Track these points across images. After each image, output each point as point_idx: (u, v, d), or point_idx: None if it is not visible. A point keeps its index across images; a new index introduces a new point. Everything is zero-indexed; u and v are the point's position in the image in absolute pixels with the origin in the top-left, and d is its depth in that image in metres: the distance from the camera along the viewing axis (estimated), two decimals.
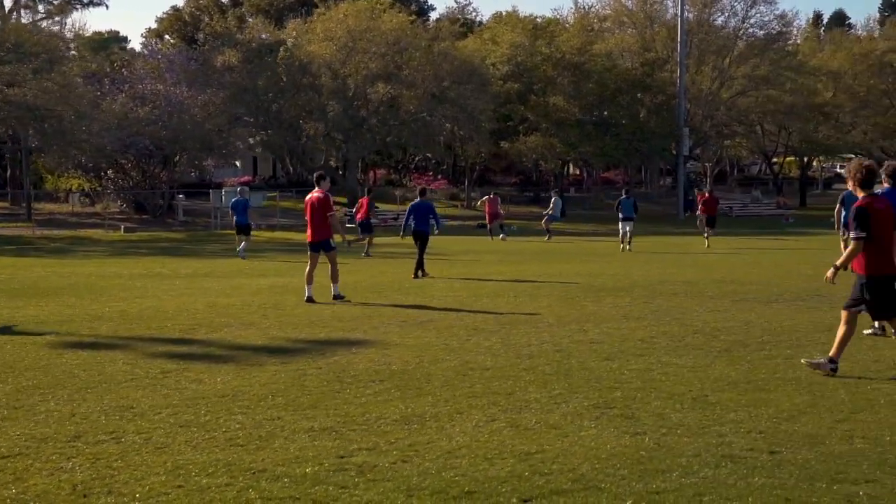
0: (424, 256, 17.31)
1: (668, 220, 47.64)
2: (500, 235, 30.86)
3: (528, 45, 46.99)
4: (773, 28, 54.42)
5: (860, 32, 70.19)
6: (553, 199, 31.59)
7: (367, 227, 24.50)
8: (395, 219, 39.92)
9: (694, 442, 5.56)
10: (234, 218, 24.58)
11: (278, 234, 37.60)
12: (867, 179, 7.56)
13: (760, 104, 53.12)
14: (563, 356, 8.55)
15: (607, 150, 46.62)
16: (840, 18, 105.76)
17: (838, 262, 7.66)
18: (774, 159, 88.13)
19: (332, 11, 45.04)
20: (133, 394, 6.96)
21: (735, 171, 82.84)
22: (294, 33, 45.30)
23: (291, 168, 58.05)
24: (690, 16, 51.96)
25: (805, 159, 69.52)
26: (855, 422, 6.05)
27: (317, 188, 13.78)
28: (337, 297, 13.18)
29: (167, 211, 46.62)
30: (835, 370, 7.53)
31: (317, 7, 47.87)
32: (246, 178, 66.30)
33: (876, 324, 9.84)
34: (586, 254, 24.90)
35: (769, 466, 5.08)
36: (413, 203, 17.94)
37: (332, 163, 52.38)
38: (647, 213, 53.94)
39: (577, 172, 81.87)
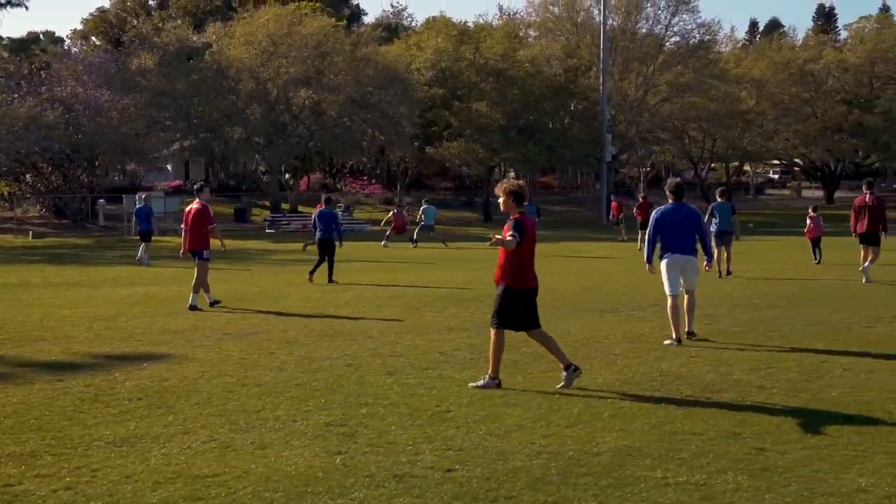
0: (333, 264, 17.63)
1: (590, 225, 48.14)
2: (412, 242, 30.86)
3: (452, 51, 47.16)
4: (695, 36, 55.39)
5: (796, 41, 71.56)
6: (423, 208, 31.66)
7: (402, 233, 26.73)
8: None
9: (382, 461, 5.63)
10: (138, 225, 25.05)
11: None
12: (520, 196, 7.84)
13: (684, 111, 54.02)
14: (349, 370, 8.59)
15: (530, 156, 46.97)
16: (775, 27, 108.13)
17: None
18: (713, 165, 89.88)
19: (254, 16, 44.77)
20: None
21: (670, 176, 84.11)
22: (214, 37, 44.86)
23: (223, 172, 57.60)
24: (615, 23, 52.68)
25: (735, 165, 70.98)
26: (561, 436, 6.16)
27: (196, 199, 14.24)
28: (193, 307, 13.29)
29: (89, 216, 45.98)
30: (498, 384, 7.75)
31: (236, 11, 47.52)
32: (176, 183, 65.65)
33: (672, 336, 10.18)
34: (480, 260, 25.00)
35: (431, 485, 5.17)
36: (318, 211, 18.23)
37: (261, 168, 52.05)
38: (572, 218, 54.76)
39: (514, 177, 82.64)
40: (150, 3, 60.76)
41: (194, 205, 14.17)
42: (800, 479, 5.26)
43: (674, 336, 9.98)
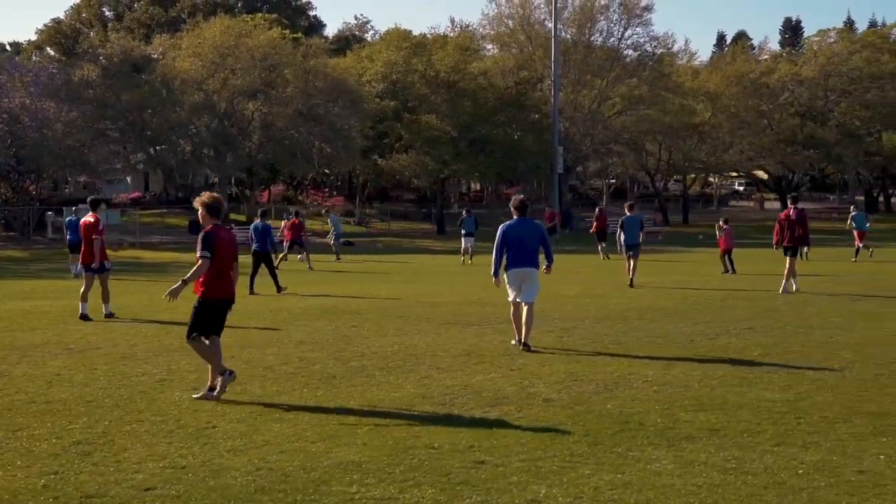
0: (276, 274, 18.48)
1: None
2: (299, 256, 30.93)
3: (403, 63, 47.30)
4: (647, 50, 55.80)
5: (754, 54, 72.09)
6: (330, 219, 32.53)
7: (301, 245, 26.44)
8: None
9: (88, 481, 5.57)
10: (69, 237, 24.85)
11: (127, 253, 36.97)
12: (214, 208, 8.09)
13: (637, 124, 54.36)
14: (157, 387, 8.48)
15: (481, 167, 47.16)
16: (742, 39, 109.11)
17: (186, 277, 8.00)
18: (677, 177, 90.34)
19: (203, 28, 44.72)
20: None
21: (637, 188, 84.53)
22: (160, 49, 44.79)
23: (179, 183, 57.37)
24: (568, 35, 53.01)
25: (692, 177, 71.27)
26: (299, 451, 6.13)
27: (90, 212, 14.42)
28: (83, 316, 13.60)
29: (36, 228, 45.67)
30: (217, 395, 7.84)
31: (185, 23, 47.47)
32: (135, 195, 65.52)
33: (515, 338, 10.36)
34: (410, 273, 25.04)
35: None
36: (253, 225, 19.39)
37: (215, 179, 51.92)
38: None
39: (479, 188, 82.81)
40: (107, 14, 60.58)
41: (88, 217, 14.32)
42: (489, 490, 5.27)
43: (517, 338, 10.50)
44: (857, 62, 61.42)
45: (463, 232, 28.68)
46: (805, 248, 17.47)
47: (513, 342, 10.65)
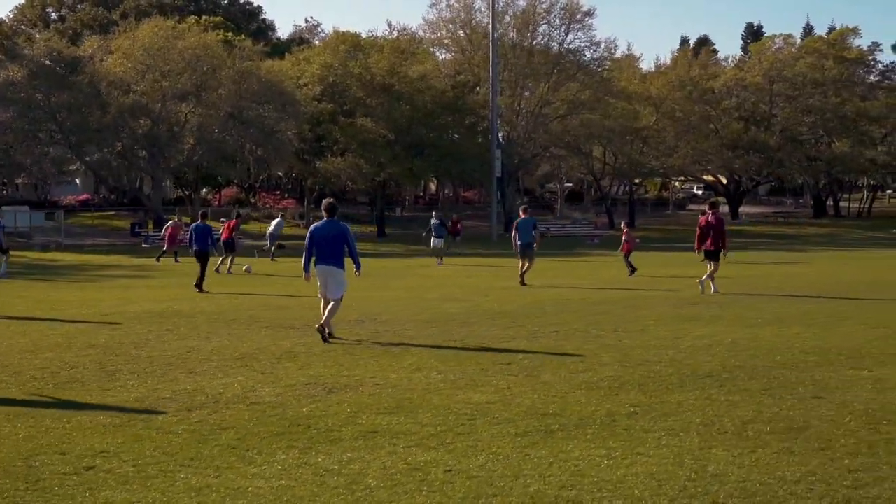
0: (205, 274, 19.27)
1: (482, 241, 48.30)
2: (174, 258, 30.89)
3: (339, 66, 47.22)
4: (585, 55, 56.02)
5: (729, 61, 72.26)
6: (276, 221, 33.04)
7: (230, 246, 26.52)
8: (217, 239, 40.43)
9: None
10: None
11: (50, 256, 36.74)
12: None
13: (579, 127, 54.55)
14: None
15: (416, 171, 47.12)
16: (705, 44, 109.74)
17: None
18: (640, 181, 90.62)
19: (135, 29, 44.42)
20: None
21: (594, 192, 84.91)
22: (90, 51, 44.46)
23: (112, 186, 56.93)
24: (509, 39, 53.10)
25: (657, 181, 71.90)
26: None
27: None
28: None
29: None
30: None
31: (117, 25, 47.17)
32: (84, 197, 65.11)
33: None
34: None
35: None
36: (194, 226, 20.58)
37: (166, 182, 51.70)
38: (469, 234, 54.82)
39: (433, 191, 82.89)
40: (53, 15, 60.11)
41: None
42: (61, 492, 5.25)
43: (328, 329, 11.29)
44: (802, 68, 62.00)
45: (433, 234, 30.06)
46: (723, 252, 17.95)
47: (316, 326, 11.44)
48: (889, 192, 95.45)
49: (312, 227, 11.84)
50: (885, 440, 6.29)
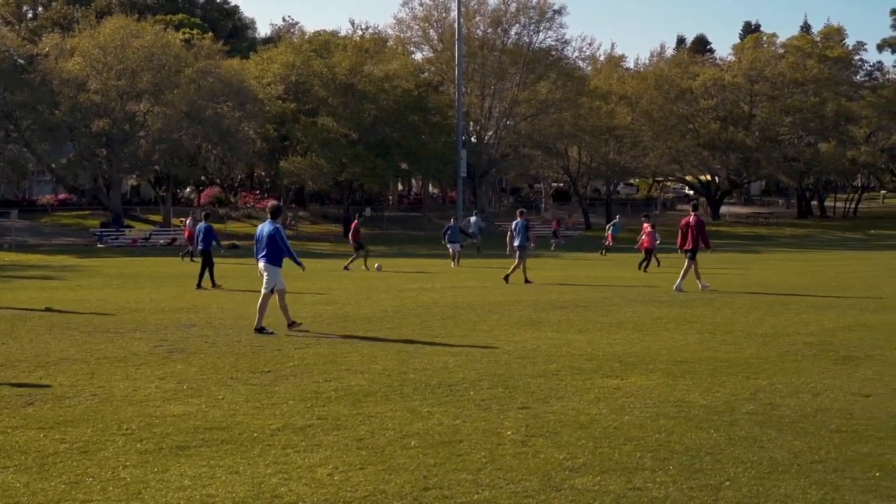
0: (204, 273, 20.14)
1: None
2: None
3: (301, 66, 46.86)
4: (552, 54, 55.37)
5: (725, 58, 71.51)
6: (201, 226, 32.12)
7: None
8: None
9: None
10: None
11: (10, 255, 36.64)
12: None
13: (550, 127, 53.96)
14: None
15: (378, 171, 46.69)
16: (702, 43, 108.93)
17: None
18: (632, 181, 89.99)
19: (95, 28, 44.20)
20: None
21: (585, 190, 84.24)
22: (47, 48, 44.27)
23: (70, 185, 56.59)
24: (479, 34, 52.54)
25: (607, 181, 70.65)
26: None
27: None
28: None
29: None
30: None
31: (77, 23, 46.97)
32: (62, 196, 65.18)
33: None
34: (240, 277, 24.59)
35: None
36: (199, 225, 21.25)
37: (135, 181, 51.57)
38: (436, 235, 54.48)
39: (418, 191, 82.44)
40: (29, 14, 60.03)
41: None
42: None
43: (258, 324, 12.06)
44: (783, 67, 61.20)
45: (446, 240, 29.35)
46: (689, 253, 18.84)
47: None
48: (883, 192, 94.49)
49: (259, 227, 12.93)
50: (513, 454, 5.89)
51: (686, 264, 18.57)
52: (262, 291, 12.30)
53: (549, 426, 6.70)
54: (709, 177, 68.46)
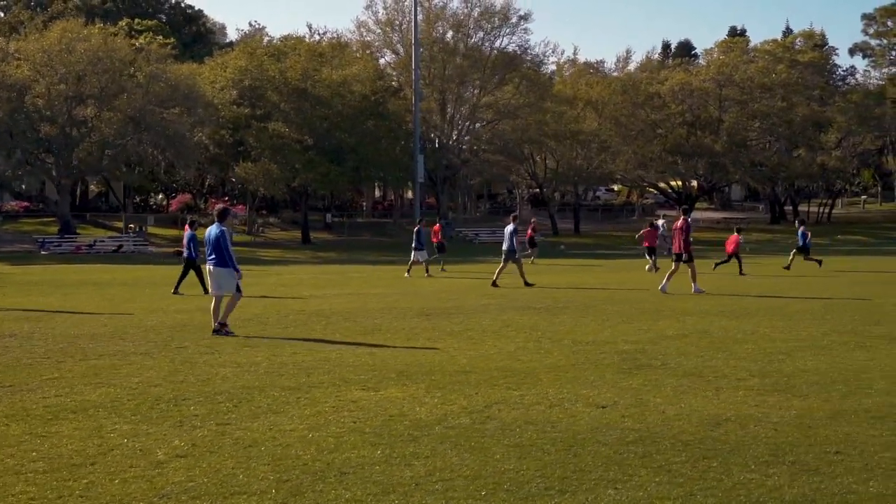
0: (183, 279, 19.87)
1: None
2: None
3: (254, 70, 46.45)
4: (524, 57, 55.02)
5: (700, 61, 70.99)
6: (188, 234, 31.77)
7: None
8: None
9: None
10: None
11: None
12: None
13: (511, 132, 53.50)
14: None
15: (332, 176, 46.20)
16: (686, 48, 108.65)
17: None
18: (615, 187, 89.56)
19: (42, 32, 43.76)
20: None
21: (560, 197, 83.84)
22: None
23: (15, 191, 55.92)
24: (437, 37, 52.08)
25: (580, 187, 70.04)
26: None
27: None
28: None
29: None
30: None
31: (24, 26, 46.59)
32: (24, 204, 64.89)
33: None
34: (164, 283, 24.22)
35: None
36: (188, 234, 20.66)
37: (94, 187, 51.13)
38: (402, 242, 54.01)
39: (392, 197, 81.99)
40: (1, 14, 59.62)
41: None
42: None
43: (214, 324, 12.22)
44: (752, 72, 60.75)
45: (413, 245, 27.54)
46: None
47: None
48: (864, 197, 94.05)
49: (207, 230, 12.92)
50: (135, 477, 5.40)
51: (690, 268, 19.09)
52: (217, 293, 12.41)
53: (214, 444, 6.23)
54: (680, 182, 68.01)
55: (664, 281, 19.10)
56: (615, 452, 5.90)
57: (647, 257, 29.10)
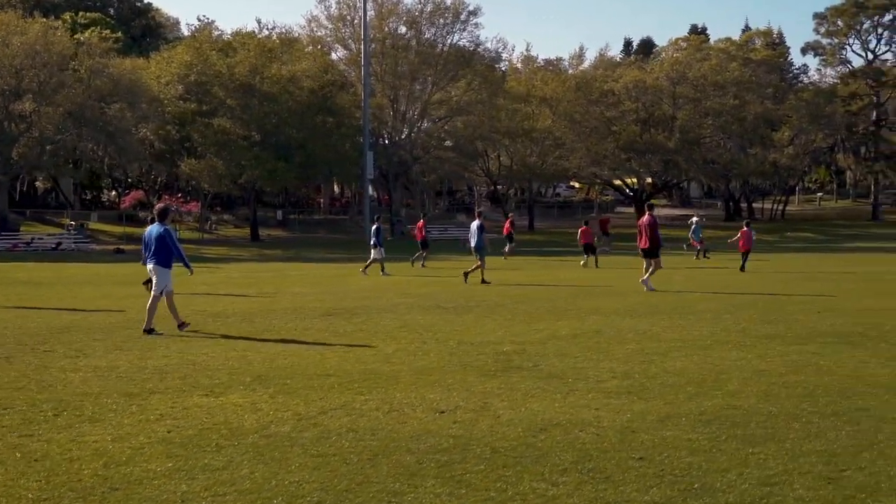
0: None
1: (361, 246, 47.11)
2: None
3: (200, 65, 45.76)
4: (464, 55, 54.77)
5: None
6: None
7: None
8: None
9: None
10: None
11: None
12: None
13: (463, 129, 53.35)
14: None
15: (279, 173, 45.69)
16: (648, 45, 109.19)
17: None
18: (575, 184, 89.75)
19: None
20: None
21: (518, 193, 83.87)
22: None
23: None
24: (388, 32, 51.72)
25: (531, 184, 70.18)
26: None
27: None
28: None
29: None
30: None
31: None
32: None
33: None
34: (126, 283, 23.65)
35: None
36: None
37: (40, 183, 50.10)
38: (356, 239, 53.61)
39: (350, 194, 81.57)
40: None
41: None
42: None
43: (147, 326, 12.08)
44: (705, 69, 61.08)
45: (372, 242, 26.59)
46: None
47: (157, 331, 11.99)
48: (820, 195, 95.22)
49: (147, 230, 12.94)
50: None
51: (652, 262, 18.99)
52: (156, 291, 12.46)
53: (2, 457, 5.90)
54: (634, 179, 68.20)
55: (646, 276, 18.87)
56: (417, 462, 5.63)
57: (585, 255, 29.55)
